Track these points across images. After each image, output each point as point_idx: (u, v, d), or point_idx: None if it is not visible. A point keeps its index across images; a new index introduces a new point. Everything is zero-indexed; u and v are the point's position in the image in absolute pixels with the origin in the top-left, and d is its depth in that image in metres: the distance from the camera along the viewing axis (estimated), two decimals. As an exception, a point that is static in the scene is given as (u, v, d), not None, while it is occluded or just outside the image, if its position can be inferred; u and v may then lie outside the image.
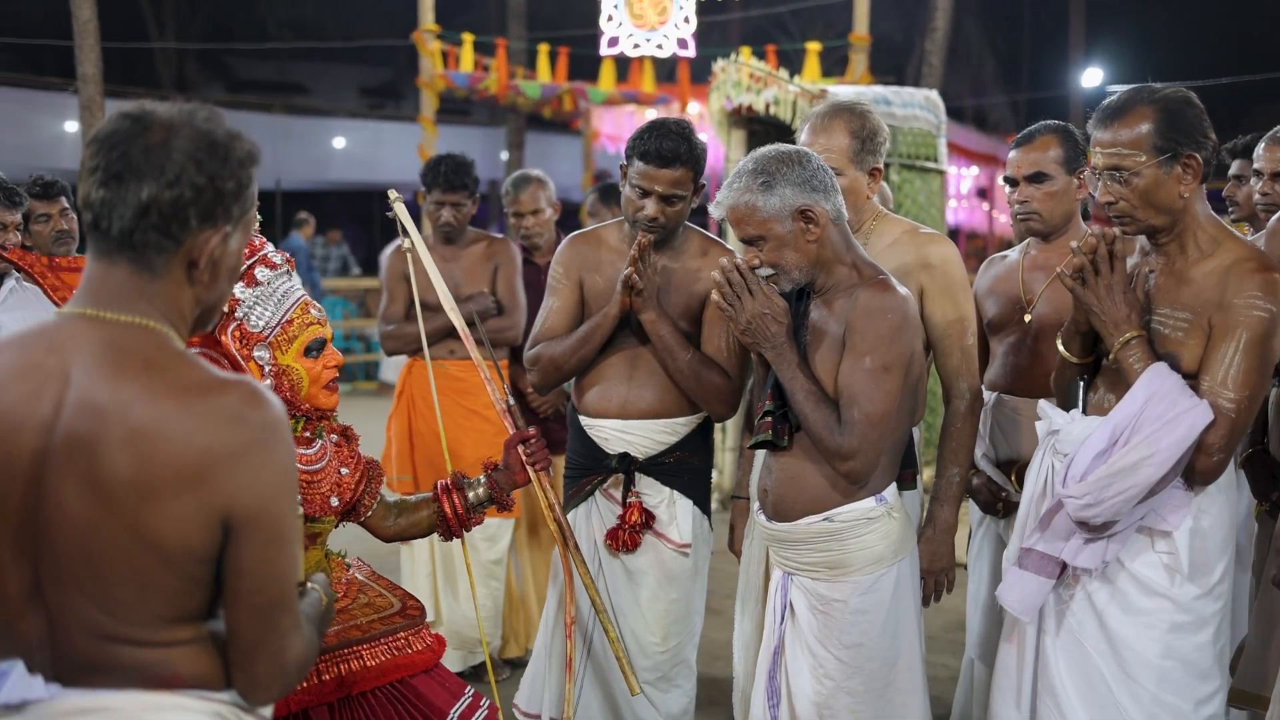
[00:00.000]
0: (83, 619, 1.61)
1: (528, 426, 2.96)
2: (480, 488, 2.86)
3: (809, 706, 2.85)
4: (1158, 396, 2.55)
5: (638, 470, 3.45)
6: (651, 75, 13.98)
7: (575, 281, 3.53)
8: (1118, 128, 2.64)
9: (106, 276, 1.65)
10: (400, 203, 3.20)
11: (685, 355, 3.35)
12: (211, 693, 1.66)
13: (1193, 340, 2.63)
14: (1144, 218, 2.67)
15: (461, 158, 4.94)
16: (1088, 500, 2.57)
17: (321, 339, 2.50)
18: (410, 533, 2.87)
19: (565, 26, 20.93)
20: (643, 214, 3.33)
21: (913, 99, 7.22)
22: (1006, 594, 2.78)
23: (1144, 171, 2.61)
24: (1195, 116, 2.64)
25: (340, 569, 2.77)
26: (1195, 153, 2.62)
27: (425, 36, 12.73)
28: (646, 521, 3.42)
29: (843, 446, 2.70)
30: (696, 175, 3.37)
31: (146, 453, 1.55)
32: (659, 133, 3.32)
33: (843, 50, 14.87)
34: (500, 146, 22.00)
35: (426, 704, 2.61)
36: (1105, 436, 2.60)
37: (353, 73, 29.91)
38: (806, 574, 2.87)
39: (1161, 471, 2.53)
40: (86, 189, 1.63)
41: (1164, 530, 2.64)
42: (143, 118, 1.64)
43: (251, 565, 1.61)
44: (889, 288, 2.76)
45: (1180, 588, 2.63)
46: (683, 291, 3.44)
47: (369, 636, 2.62)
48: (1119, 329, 2.65)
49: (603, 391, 3.48)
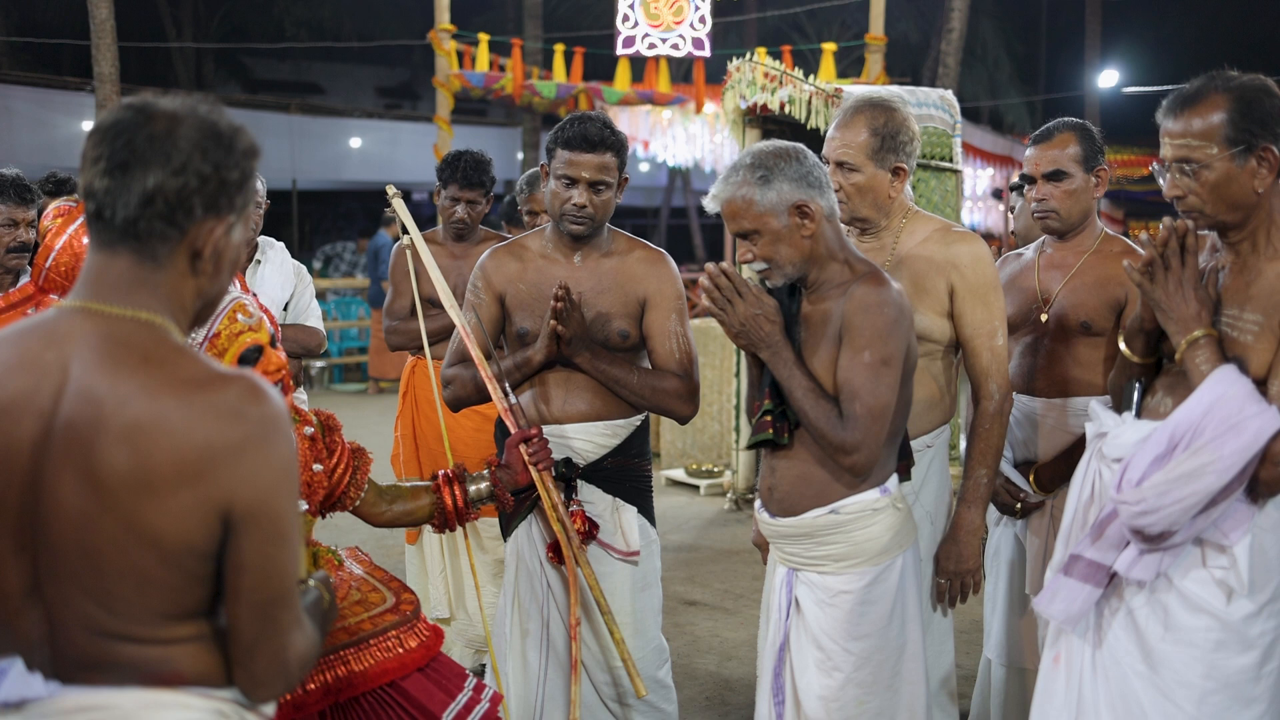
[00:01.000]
0: (82, 616, 1.59)
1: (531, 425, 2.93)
2: (483, 483, 2.83)
3: (815, 702, 2.84)
4: (1224, 400, 2.37)
5: (579, 478, 3.37)
6: (667, 75, 13.97)
7: (495, 296, 3.45)
8: (1189, 117, 2.47)
9: (108, 267, 1.63)
10: (399, 199, 3.17)
11: (632, 379, 3.31)
12: (212, 690, 1.65)
13: (1262, 344, 2.44)
14: (1214, 213, 2.49)
15: (480, 155, 4.90)
16: (1143, 507, 2.39)
17: (256, 346, 2.38)
18: (405, 521, 2.82)
19: (581, 26, 20.96)
20: (570, 203, 3.28)
21: (928, 98, 7.18)
22: (1050, 603, 2.60)
23: (1215, 164, 2.44)
24: (1275, 106, 2.45)
25: (332, 566, 2.71)
26: (1272, 145, 2.44)
27: (441, 36, 12.74)
28: (590, 531, 3.33)
29: (846, 441, 2.68)
30: (620, 163, 3.33)
31: (145, 447, 1.53)
32: (580, 120, 3.30)
33: (858, 51, 14.84)
34: (516, 147, 22.04)
35: (418, 707, 2.55)
36: (1165, 440, 2.42)
37: (369, 73, 30.02)
38: (812, 568, 2.87)
39: (1224, 480, 2.35)
40: (89, 178, 1.61)
41: (1220, 544, 2.46)
42: (146, 108, 1.63)
43: (252, 561, 1.60)
44: (882, 282, 2.75)
45: (1233, 605, 2.46)
46: (619, 291, 3.38)
47: (357, 639, 2.55)
48: (1187, 327, 2.47)
49: (539, 397, 3.41)
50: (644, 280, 3.38)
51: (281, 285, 4.80)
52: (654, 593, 3.49)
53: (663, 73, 13.88)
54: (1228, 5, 26.19)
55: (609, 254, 3.43)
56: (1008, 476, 3.54)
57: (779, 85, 7.12)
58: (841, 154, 3.19)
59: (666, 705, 3.50)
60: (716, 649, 5.28)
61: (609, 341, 3.37)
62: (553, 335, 3.25)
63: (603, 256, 3.43)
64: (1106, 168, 3.49)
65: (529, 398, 3.42)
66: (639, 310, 3.39)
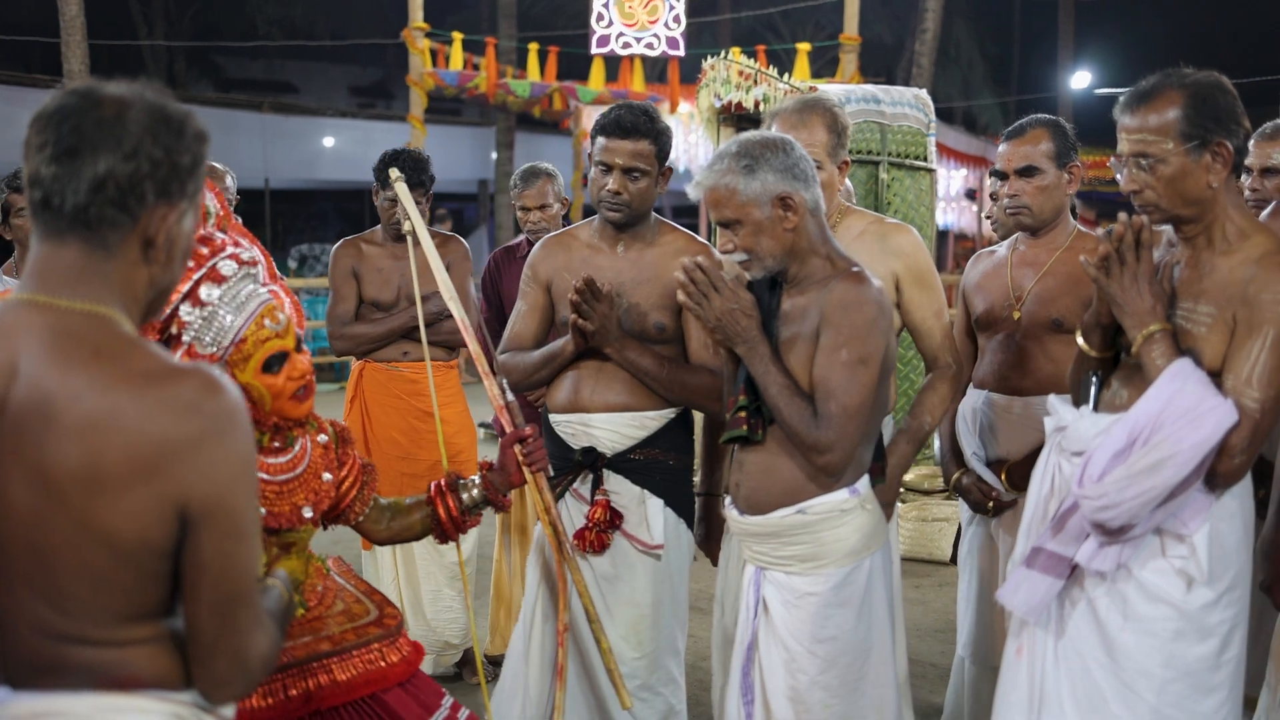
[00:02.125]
0: (33, 618, 1.55)
1: (525, 425, 2.89)
2: (475, 489, 2.78)
3: (783, 702, 2.81)
4: (1181, 394, 2.41)
5: (606, 468, 3.36)
6: (641, 75, 13.98)
7: (543, 285, 3.47)
8: (1145, 113, 2.52)
9: (56, 257, 1.58)
10: (402, 182, 3.13)
11: (662, 371, 3.29)
12: (171, 693, 1.60)
13: (1215, 336, 2.49)
14: (1170, 207, 2.54)
15: (417, 153, 4.78)
16: (1105, 502, 2.43)
17: (282, 353, 2.36)
18: (403, 536, 2.79)
19: (555, 25, 20.93)
20: (606, 189, 3.29)
21: (902, 97, 7.19)
22: (1012, 595, 2.64)
23: (1170, 159, 2.49)
24: (1228, 103, 2.50)
25: (320, 576, 2.69)
26: (1226, 140, 2.48)
27: (415, 35, 12.70)
28: (613, 521, 3.32)
29: (819, 439, 2.66)
30: (660, 153, 3.32)
31: (98, 443, 1.49)
32: (620, 109, 3.32)
33: (833, 51, 14.88)
34: (490, 146, 21.99)
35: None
36: (1124, 435, 2.46)
37: (342, 72, 29.93)
38: (780, 568, 2.83)
39: (1183, 473, 2.39)
40: (35, 166, 1.56)
41: (1180, 534, 2.50)
42: (91, 93, 1.58)
43: (210, 559, 1.56)
44: (863, 280, 2.72)
45: (1192, 594, 2.50)
46: (659, 283, 3.35)
47: (340, 649, 2.52)
48: (1143, 322, 2.51)
49: (570, 386, 3.39)
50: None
51: None
52: (678, 587, 3.46)
53: (637, 72, 13.89)
54: (1200, 7, 26.38)
55: (653, 244, 3.42)
56: (980, 475, 3.54)
57: (754, 83, 7.12)
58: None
59: (675, 700, 3.47)
60: (690, 649, 5.24)
61: (645, 334, 3.34)
62: (576, 329, 3.25)
63: (646, 247, 3.41)
64: (1080, 164, 3.49)
65: (562, 389, 3.41)
66: (677, 302, 3.37)
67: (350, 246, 4.89)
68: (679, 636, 3.50)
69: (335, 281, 4.85)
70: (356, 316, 4.83)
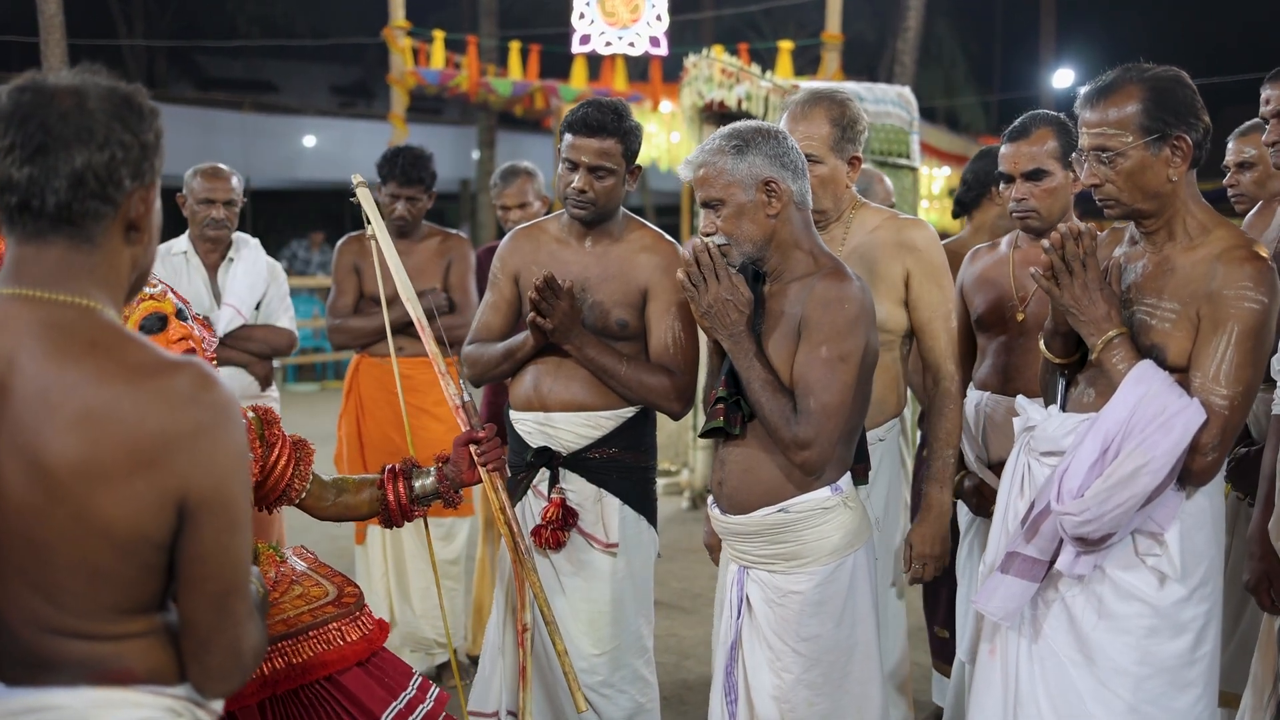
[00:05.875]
0: (28, 612, 1.55)
1: (483, 426, 2.87)
2: (429, 479, 2.75)
3: (767, 701, 2.82)
4: (1147, 398, 2.42)
5: (562, 466, 3.36)
6: (624, 73, 13.98)
7: (510, 277, 3.47)
8: (1105, 107, 2.53)
9: (37, 259, 1.57)
10: (365, 188, 3.12)
11: (621, 369, 3.28)
12: (164, 688, 1.61)
13: (1180, 332, 2.50)
14: (1130, 201, 2.55)
15: (420, 150, 4.86)
16: (1087, 516, 2.43)
17: (160, 314, 2.33)
18: (349, 514, 2.74)
19: (537, 24, 20.88)
20: (571, 187, 3.29)
21: (885, 95, 7.21)
22: (987, 600, 2.65)
23: (1130, 153, 2.50)
24: (1187, 96, 2.52)
25: (272, 564, 2.65)
26: (1185, 134, 2.50)
27: (396, 33, 12.68)
28: (568, 519, 3.31)
29: (799, 436, 2.67)
30: (627, 151, 3.31)
31: (96, 435, 1.49)
32: (588, 106, 3.31)
33: (815, 49, 14.90)
34: (472, 145, 21.93)
35: (356, 704, 2.47)
36: (1096, 446, 2.47)
37: (323, 70, 29.78)
38: (763, 567, 2.84)
39: (1159, 479, 2.41)
40: (4, 170, 1.53)
41: (1152, 532, 2.52)
42: (41, 88, 1.56)
43: (207, 551, 1.56)
44: (845, 277, 2.74)
45: (1165, 590, 2.51)
46: (623, 279, 3.35)
47: (294, 631, 2.47)
48: (1100, 329, 2.53)
49: (530, 383, 3.39)
50: (646, 269, 3.35)
51: (251, 286, 4.74)
52: (640, 585, 3.45)
53: (619, 71, 13.89)
54: (1181, 5, 26.49)
55: (619, 240, 3.41)
56: (982, 478, 3.52)
57: (736, 81, 7.14)
58: (804, 146, 3.18)
59: (643, 698, 3.45)
60: (674, 648, 5.26)
61: (607, 330, 3.34)
62: (534, 326, 3.24)
63: (613, 243, 3.40)
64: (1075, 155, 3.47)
65: (521, 386, 3.41)
66: (640, 300, 3.36)
67: (354, 242, 4.97)
68: (645, 635, 3.49)
69: (337, 276, 4.93)
70: (356, 311, 4.87)
